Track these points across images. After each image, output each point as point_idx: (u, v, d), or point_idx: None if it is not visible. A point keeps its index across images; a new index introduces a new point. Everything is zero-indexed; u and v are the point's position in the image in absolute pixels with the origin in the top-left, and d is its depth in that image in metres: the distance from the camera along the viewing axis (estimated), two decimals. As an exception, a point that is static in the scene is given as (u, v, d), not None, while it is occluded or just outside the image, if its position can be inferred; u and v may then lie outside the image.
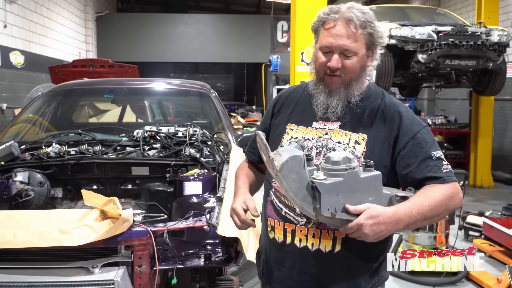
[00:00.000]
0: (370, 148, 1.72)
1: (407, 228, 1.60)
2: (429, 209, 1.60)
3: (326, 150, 1.75)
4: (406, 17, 8.49)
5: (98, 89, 4.69)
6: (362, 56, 1.74)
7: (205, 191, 3.01)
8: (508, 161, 9.68)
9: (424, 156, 1.69)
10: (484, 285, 4.25)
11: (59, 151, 3.30)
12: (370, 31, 1.72)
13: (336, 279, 1.75)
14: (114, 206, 2.35)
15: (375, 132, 1.75)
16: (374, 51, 1.78)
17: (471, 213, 5.91)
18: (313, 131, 1.81)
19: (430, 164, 1.69)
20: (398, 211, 1.55)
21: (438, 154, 1.71)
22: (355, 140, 1.74)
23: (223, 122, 4.08)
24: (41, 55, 9.72)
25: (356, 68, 1.74)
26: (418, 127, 1.74)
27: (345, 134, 1.76)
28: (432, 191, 1.64)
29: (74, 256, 2.31)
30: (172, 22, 15.99)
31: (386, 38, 1.80)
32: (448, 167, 1.70)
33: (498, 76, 7.57)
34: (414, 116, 1.78)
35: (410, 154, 1.70)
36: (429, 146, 1.71)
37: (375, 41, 1.74)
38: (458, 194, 1.70)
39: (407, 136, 1.72)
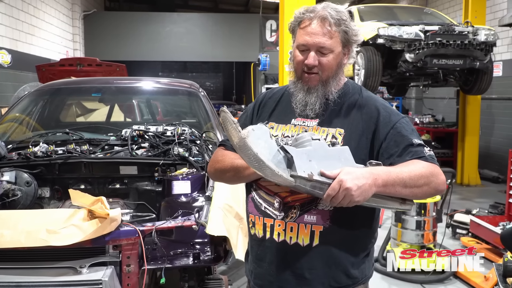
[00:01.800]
0: (346, 142, 1.73)
1: (387, 189, 1.57)
2: (409, 177, 1.60)
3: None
4: (394, 16, 8.54)
5: (86, 88, 4.66)
6: (338, 54, 1.78)
7: (194, 190, 3.00)
8: (495, 159, 9.78)
9: (406, 143, 1.71)
10: (472, 283, 4.28)
11: (46, 150, 3.27)
12: (345, 28, 1.76)
13: (315, 273, 1.75)
14: (102, 205, 2.34)
15: (352, 126, 1.77)
16: (350, 49, 1.82)
17: (458, 211, 5.96)
18: (291, 128, 1.83)
19: (412, 150, 1.70)
20: (375, 168, 1.58)
21: (419, 141, 1.72)
22: (332, 135, 1.76)
23: (212, 121, 4.07)
24: (28, 54, 9.64)
25: (332, 65, 1.78)
26: (396, 117, 1.77)
27: (323, 131, 1.78)
28: (413, 163, 1.65)
29: (61, 256, 2.30)
30: (160, 21, 15.93)
31: (361, 36, 1.84)
32: (431, 152, 1.71)
33: (485, 75, 7.64)
34: (391, 109, 1.80)
35: (391, 144, 1.72)
36: (409, 133, 1.73)
37: (350, 39, 1.79)
38: (440, 175, 1.69)
39: (386, 128, 1.74)
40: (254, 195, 1.85)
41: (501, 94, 9.49)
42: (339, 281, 1.77)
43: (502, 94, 9.46)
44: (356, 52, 1.88)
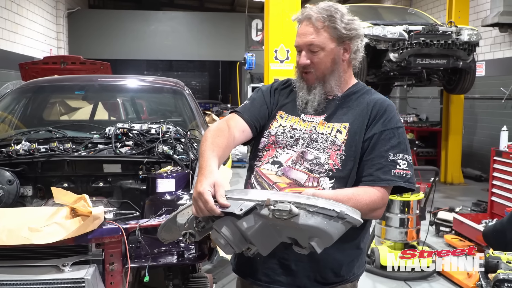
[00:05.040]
0: (351, 136, 1.77)
1: None
2: None
3: (310, 141, 1.82)
4: (378, 16, 8.59)
5: (69, 86, 4.60)
6: (330, 50, 1.80)
7: (178, 188, 2.99)
8: (478, 158, 9.89)
9: (380, 154, 1.74)
10: (455, 280, 4.33)
11: (29, 148, 3.23)
12: (333, 24, 1.77)
13: (302, 266, 1.77)
14: (85, 203, 2.33)
15: (357, 121, 1.79)
16: (350, 44, 1.82)
17: (441, 209, 6.02)
18: (301, 122, 1.87)
19: (382, 163, 1.73)
20: None
21: (395, 157, 1.74)
22: (337, 129, 1.80)
23: (197, 120, 4.05)
24: (11, 52, 9.52)
25: (325, 62, 1.81)
26: (392, 124, 1.78)
27: (328, 126, 1.81)
28: (360, 196, 1.67)
29: (44, 254, 2.28)
30: (145, 19, 15.85)
31: (361, 30, 1.83)
32: (401, 172, 1.73)
33: (468, 75, 7.73)
34: (395, 115, 1.81)
35: (370, 147, 1.76)
36: (391, 146, 1.75)
37: (343, 34, 1.79)
38: (381, 209, 1.75)
39: (377, 128, 1.77)
40: (253, 181, 1.85)
41: (484, 93, 9.60)
42: (325, 277, 1.78)
43: (485, 93, 9.57)
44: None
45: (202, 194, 1.50)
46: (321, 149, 1.79)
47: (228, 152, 1.82)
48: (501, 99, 8.90)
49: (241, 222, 1.46)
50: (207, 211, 1.49)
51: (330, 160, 1.77)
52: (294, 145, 1.85)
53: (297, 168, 1.80)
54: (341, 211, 1.43)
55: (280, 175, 1.81)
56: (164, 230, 1.67)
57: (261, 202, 1.44)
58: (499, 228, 3.50)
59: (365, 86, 1.93)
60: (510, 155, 5.35)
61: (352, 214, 1.45)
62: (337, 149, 1.77)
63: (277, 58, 6.66)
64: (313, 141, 1.82)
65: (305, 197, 1.45)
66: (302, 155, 1.81)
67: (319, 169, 1.77)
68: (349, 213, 1.44)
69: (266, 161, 1.86)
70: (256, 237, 1.47)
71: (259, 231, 1.46)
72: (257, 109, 1.95)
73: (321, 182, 1.75)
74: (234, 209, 1.46)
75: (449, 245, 5.33)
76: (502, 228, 3.42)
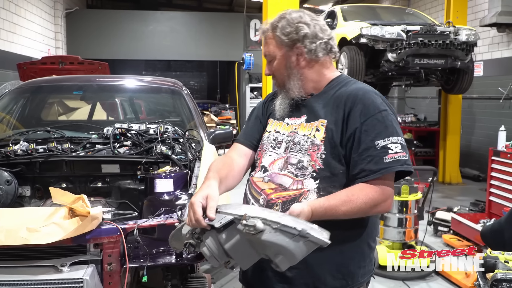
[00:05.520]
0: (329, 133, 1.74)
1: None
2: (344, 214, 1.62)
3: (293, 145, 1.81)
4: (376, 16, 8.61)
5: (67, 86, 4.60)
6: (281, 57, 1.85)
7: (177, 188, 2.99)
8: (476, 158, 9.90)
9: (367, 145, 1.68)
10: (453, 279, 4.34)
11: (27, 148, 3.23)
12: (276, 33, 1.83)
13: (297, 273, 1.73)
14: (83, 203, 2.33)
15: (332, 117, 1.76)
16: (300, 47, 1.83)
17: (440, 208, 6.03)
18: (284, 126, 1.89)
19: (372, 154, 1.67)
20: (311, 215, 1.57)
21: (384, 142, 1.67)
22: (316, 128, 1.78)
23: (195, 120, 4.06)
24: (9, 52, 9.50)
25: (279, 69, 1.87)
26: (372, 111, 1.72)
27: (309, 125, 1.81)
28: (356, 195, 1.64)
29: (42, 255, 2.28)
30: (143, 19, 15.82)
31: (305, 29, 1.81)
32: (394, 156, 1.66)
33: (466, 75, 7.74)
34: (374, 101, 1.74)
35: (355, 143, 1.71)
36: (377, 133, 1.68)
37: (288, 38, 1.81)
38: (385, 202, 1.69)
39: (356, 122, 1.71)
40: (247, 190, 1.90)
41: (482, 93, 9.61)
42: (324, 282, 1.74)
43: (483, 93, 9.59)
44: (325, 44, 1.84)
45: (192, 205, 1.58)
46: (303, 152, 1.78)
47: (234, 178, 1.91)
48: (499, 99, 8.91)
49: (221, 235, 1.50)
50: (195, 221, 1.56)
51: (312, 161, 1.74)
52: (277, 147, 1.86)
53: (282, 173, 1.80)
54: (302, 230, 1.40)
55: (267, 181, 1.82)
56: (173, 239, 1.69)
57: (239, 216, 1.46)
58: (497, 228, 3.50)
59: (345, 79, 1.89)
60: (508, 155, 5.36)
61: (315, 233, 1.41)
62: (317, 148, 1.75)
63: (275, 58, 6.66)
64: (296, 144, 1.81)
65: (276, 214, 1.45)
66: (287, 160, 1.81)
67: (303, 173, 1.75)
68: (312, 232, 1.41)
69: (258, 169, 1.89)
70: (233, 251, 1.50)
71: (235, 245, 1.48)
72: (251, 128, 2.04)
73: (305, 184, 1.73)
74: (215, 222, 1.51)
75: (447, 244, 5.33)
76: (500, 228, 3.42)
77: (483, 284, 2.41)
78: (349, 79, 1.89)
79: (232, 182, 1.90)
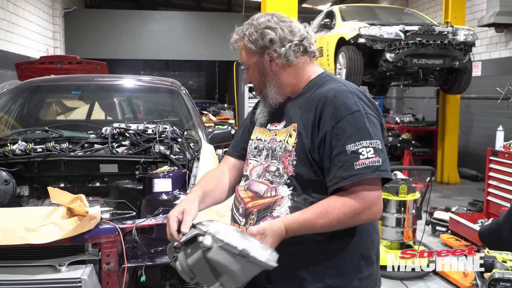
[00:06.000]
0: (300, 138, 1.66)
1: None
2: (322, 227, 1.54)
3: (272, 152, 1.75)
4: (375, 16, 8.61)
5: (65, 86, 4.60)
6: (254, 65, 1.79)
7: (175, 188, 2.99)
8: (474, 158, 9.91)
9: (338, 150, 1.56)
10: (451, 279, 4.34)
11: (25, 148, 3.23)
12: (245, 41, 1.77)
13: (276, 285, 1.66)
14: (81, 203, 2.33)
15: (303, 121, 1.68)
16: (270, 53, 1.75)
17: (438, 208, 6.04)
18: (266, 133, 1.83)
19: (342, 160, 1.55)
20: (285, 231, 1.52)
21: (355, 147, 1.54)
22: (289, 133, 1.71)
23: (193, 119, 4.06)
24: (7, 52, 9.49)
25: (255, 77, 1.82)
26: (343, 113, 1.59)
27: (285, 131, 1.73)
28: (332, 206, 1.53)
29: (40, 254, 2.28)
30: (142, 19, 15.81)
31: (271, 34, 1.73)
32: (365, 162, 1.52)
33: (464, 75, 7.75)
34: (346, 101, 1.60)
35: (327, 148, 1.60)
36: (347, 137, 1.56)
37: (256, 45, 1.75)
38: (369, 210, 1.55)
39: (326, 126, 1.60)
40: (232, 201, 1.86)
41: (480, 93, 9.63)
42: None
43: (481, 93, 9.60)
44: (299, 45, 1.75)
45: (168, 219, 1.60)
46: (278, 159, 1.71)
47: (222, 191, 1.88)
48: (497, 99, 8.92)
49: (186, 250, 1.50)
50: (170, 236, 1.57)
51: (285, 168, 1.67)
52: (258, 155, 1.81)
53: (259, 180, 1.75)
54: (243, 250, 1.36)
55: (246, 189, 1.79)
56: (169, 252, 1.69)
57: (203, 233, 1.45)
58: (495, 228, 3.51)
59: (323, 78, 1.78)
60: (506, 155, 5.37)
61: (256, 254, 1.37)
62: (288, 155, 1.67)
63: (273, 59, 6.67)
64: (274, 151, 1.74)
65: (235, 235, 1.44)
66: (266, 168, 1.75)
67: (279, 180, 1.68)
68: (253, 253, 1.37)
69: (243, 178, 1.86)
70: (194, 267, 1.48)
71: (196, 262, 1.47)
72: (239, 138, 2.00)
73: (279, 191, 1.67)
74: (181, 237, 1.51)
75: (445, 244, 5.34)
76: (498, 228, 3.43)
77: (481, 283, 2.42)
78: (327, 78, 1.77)
79: (220, 195, 1.87)
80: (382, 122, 1.68)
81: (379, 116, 1.67)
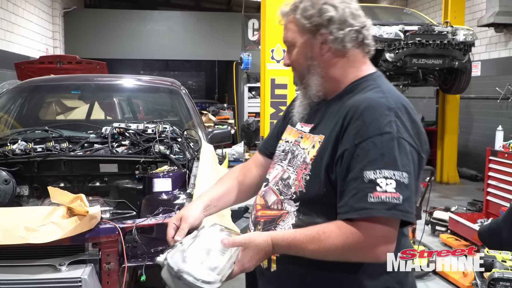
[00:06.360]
0: (320, 152, 1.46)
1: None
2: (312, 254, 1.36)
3: (292, 158, 1.58)
4: (374, 16, 8.60)
5: (65, 85, 4.61)
6: (301, 45, 1.53)
7: (175, 187, 3.00)
8: (473, 158, 9.92)
9: (356, 174, 1.33)
10: (450, 279, 4.34)
11: (25, 148, 3.23)
12: (297, 15, 1.52)
13: None
14: (81, 203, 2.33)
15: (331, 133, 1.45)
16: (325, 34, 1.50)
17: (437, 208, 6.03)
18: (294, 133, 1.64)
19: (358, 187, 1.31)
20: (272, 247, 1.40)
21: (374, 175, 1.30)
22: (313, 144, 1.51)
23: (193, 119, 4.06)
24: (7, 51, 9.48)
25: (299, 59, 1.56)
26: (371, 132, 1.34)
27: (311, 138, 1.53)
28: (327, 234, 1.34)
29: (40, 254, 2.29)
30: (141, 19, 15.81)
31: (331, 12, 1.49)
32: (381, 196, 1.28)
33: (463, 75, 7.76)
34: (377, 118, 1.35)
35: (343, 168, 1.37)
36: (368, 162, 1.31)
37: (306, 23, 1.51)
38: (371, 250, 1.33)
39: (348, 142, 1.37)
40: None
41: (479, 93, 9.63)
42: None
43: (480, 93, 9.60)
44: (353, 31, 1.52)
45: (167, 226, 1.60)
46: (295, 167, 1.54)
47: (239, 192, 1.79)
48: (496, 99, 8.92)
49: None
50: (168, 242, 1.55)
51: (296, 180, 1.50)
52: (284, 159, 1.62)
53: (273, 188, 1.60)
54: (178, 271, 1.30)
55: (261, 195, 1.64)
56: None
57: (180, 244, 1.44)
58: (494, 228, 3.51)
59: (368, 81, 1.52)
60: (505, 155, 5.37)
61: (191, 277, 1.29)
62: (305, 167, 1.48)
63: (274, 58, 6.67)
64: (294, 157, 1.56)
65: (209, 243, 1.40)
66: (282, 175, 1.59)
67: (287, 192, 1.53)
68: (188, 275, 1.29)
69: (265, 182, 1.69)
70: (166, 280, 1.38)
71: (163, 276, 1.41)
72: (270, 134, 1.84)
73: (285, 205, 1.52)
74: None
75: (445, 244, 5.34)
76: (497, 228, 3.43)
77: (480, 283, 2.42)
78: (371, 83, 1.50)
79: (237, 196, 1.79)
80: (421, 151, 1.41)
81: (420, 143, 1.41)
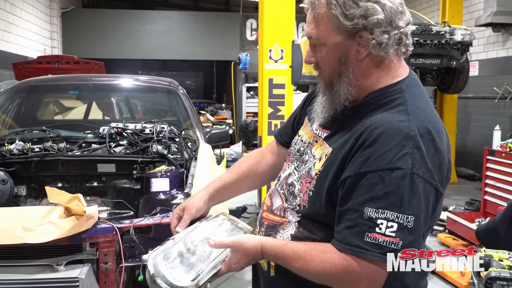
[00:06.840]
0: (325, 169, 1.32)
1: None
2: (297, 271, 1.28)
3: (301, 163, 1.47)
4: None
5: (63, 85, 4.60)
6: (334, 46, 1.29)
7: (173, 187, 3.00)
8: (471, 157, 9.93)
9: (355, 206, 1.19)
10: (448, 278, 4.35)
11: (23, 148, 3.23)
12: (336, 11, 1.24)
13: None
14: (79, 203, 2.33)
15: (339, 150, 1.30)
16: (366, 37, 1.26)
17: (435, 208, 6.04)
18: (310, 133, 1.50)
19: (356, 221, 1.19)
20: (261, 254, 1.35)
21: (376, 213, 1.16)
22: (322, 155, 1.37)
23: (191, 119, 4.06)
24: (5, 51, 9.47)
25: (329, 62, 1.32)
26: (381, 164, 1.18)
27: (322, 147, 1.39)
28: (313, 256, 1.24)
29: (38, 254, 2.28)
30: (139, 19, 15.80)
31: (378, 14, 1.23)
32: (379, 239, 1.17)
33: (461, 75, 7.76)
34: (390, 149, 1.18)
35: (344, 193, 1.23)
36: (371, 197, 1.17)
37: (350, 24, 1.24)
38: (352, 284, 1.21)
39: (354, 168, 1.22)
40: None
41: (477, 93, 9.64)
42: None
43: (478, 93, 9.61)
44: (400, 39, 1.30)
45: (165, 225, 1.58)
46: (300, 175, 1.42)
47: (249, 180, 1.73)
48: (494, 99, 8.94)
49: None
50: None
51: (301, 193, 1.38)
52: (296, 160, 1.51)
53: (279, 191, 1.50)
54: (152, 275, 1.26)
55: (269, 195, 1.55)
56: None
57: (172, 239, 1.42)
58: (491, 227, 3.52)
59: (393, 93, 1.30)
60: (503, 154, 5.38)
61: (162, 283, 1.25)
62: (309, 181, 1.36)
63: (272, 58, 6.65)
64: (303, 163, 1.44)
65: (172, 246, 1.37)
66: (287, 177, 1.49)
67: (292, 201, 1.42)
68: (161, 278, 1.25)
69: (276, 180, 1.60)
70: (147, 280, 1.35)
71: None
72: (287, 121, 1.72)
73: (287, 214, 1.43)
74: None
75: (443, 244, 5.35)
76: (494, 227, 3.44)
77: (478, 282, 2.43)
78: (397, 97, 1.28)
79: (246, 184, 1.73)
80: (439, 187, 1.30)
81: (440, 176, 1.30)
